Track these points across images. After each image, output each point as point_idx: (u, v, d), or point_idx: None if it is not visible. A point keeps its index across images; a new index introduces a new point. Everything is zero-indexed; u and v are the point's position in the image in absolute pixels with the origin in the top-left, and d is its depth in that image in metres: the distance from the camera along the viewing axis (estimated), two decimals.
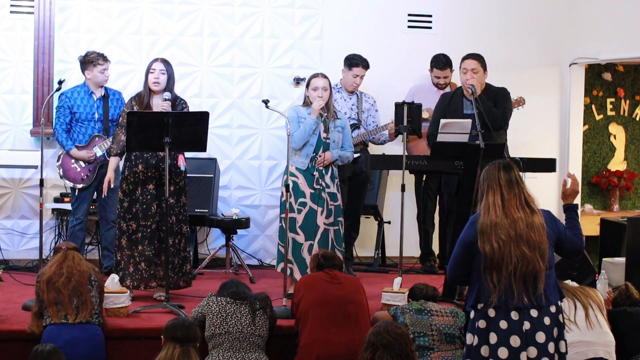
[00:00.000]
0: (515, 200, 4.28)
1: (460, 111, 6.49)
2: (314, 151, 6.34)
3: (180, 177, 6.19)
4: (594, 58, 8.56)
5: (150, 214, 6.10)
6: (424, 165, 6.37)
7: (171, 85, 6.23)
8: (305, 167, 6.34)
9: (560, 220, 4.48)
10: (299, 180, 6.33)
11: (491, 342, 4.24)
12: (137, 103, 6.21)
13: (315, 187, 6.34)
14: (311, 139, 6.31)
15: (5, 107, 7.73)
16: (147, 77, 6.22)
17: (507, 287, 4.20)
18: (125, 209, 6.13)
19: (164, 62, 6.24)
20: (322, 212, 6.33)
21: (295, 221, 6.25)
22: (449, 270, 4.48)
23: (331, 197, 6.40)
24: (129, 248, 6.12)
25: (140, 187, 6.12)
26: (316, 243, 6.27)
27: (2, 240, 7.70)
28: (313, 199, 6.32)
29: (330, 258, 5.41)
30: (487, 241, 4.22)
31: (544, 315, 4.25)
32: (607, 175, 9.26)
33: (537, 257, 4.21)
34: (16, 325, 5.32)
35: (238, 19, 8.03)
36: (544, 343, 4.22)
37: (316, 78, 6.39)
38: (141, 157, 6.14)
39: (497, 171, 4.34)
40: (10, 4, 7.72)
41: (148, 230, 6.09)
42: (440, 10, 8.43)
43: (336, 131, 6.43)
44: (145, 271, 6.08)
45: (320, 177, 6.35)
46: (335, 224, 6.39)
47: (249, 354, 4.97)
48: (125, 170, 6.19)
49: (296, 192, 6.28)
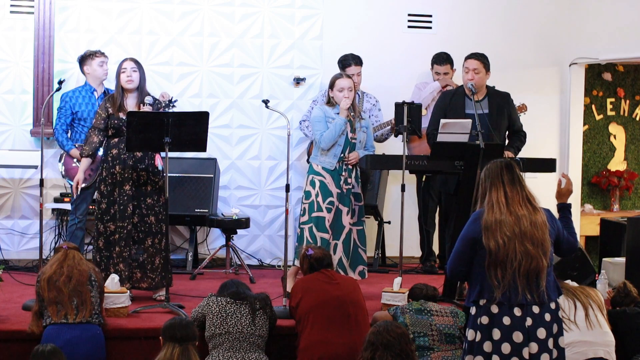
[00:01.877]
0: (519, 198, 4.32)
1: (462, 111, 6.49)
2: (342, 151, 6.36)
3: (159, 177, 6.17)
4: (594, 58, 8.56)
5: (127, 215, 6.06)
6: (424, 165, 6.37)
7: (143, 83, 6.22)
8: (333, 167, 6.36)
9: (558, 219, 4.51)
10: (326, 179, 6.34)
11: (494, 338, 4.26)
12: (111, 104, 6.17)
13: (344, 187, 6.36)
14: (339, 139, 6.33)
15: (5, 107, 7.73)
16: (118, 77, 6.19)
17: (510, 283, 4.23)
18: (103, 211, 6.09)
19: (134, 61, 6.23)
20: (347, 212, 6.36)
21: (325, 220, 6.27)
22: (449, 266, 4.49)
23: (356, 198, 6.45)
24: (107, 249, 6.08)
25: (117, 188, 6.09)
26: (340, 243, 6.32)
27: (2, 240, 7.69)
28: (340, 199, 6.34)
29: (320, 259, 5.38)
30: (492, 237, 4.24)
31: (544, 312, 4.28)
32: (607, 175, 9.26)
33: (541, 254, 4.25)
34: (16, 325, 5.32)
35: (238, 19, 8.03)
36: (544, 339, 4.26)
37: (341, 79, 6.42)
38: (118, 158, 6.11)
39: (499, 169, 4.38)
40: (10, 4, 7.72)
41: (124, 232, 6.05)
42: (440, 10, 8.43)
43: (361, 131, 6.46)
44: (122, 272, 6.03)
45: (348, 176, 6.37)
46: (359, 224, 6.45)
47: (249, 354, 4.97)
48: (103, 172, 6.16)
49: (324, 191, 6.30)
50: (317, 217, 6.26)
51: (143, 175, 6.10)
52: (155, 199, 6.12)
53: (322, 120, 6.34)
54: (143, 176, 6.10)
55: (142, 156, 6.10)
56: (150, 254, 6.08)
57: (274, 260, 8.04)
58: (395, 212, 7.23)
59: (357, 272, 6.38)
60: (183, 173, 7.63)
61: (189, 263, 7.53)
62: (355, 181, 6.45)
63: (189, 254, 7.62)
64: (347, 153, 6.38)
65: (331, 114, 6.37)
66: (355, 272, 6.37)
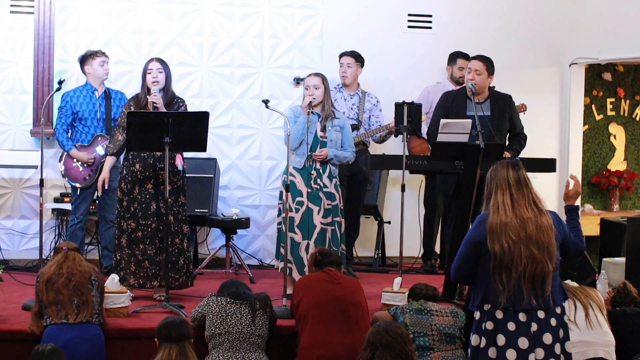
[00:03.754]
0: (524, 200, 4.27)
1: (463, 112, 6.48)
2: (310, 149, 6.34)
3: (178, 177, 6.18)
4: (594, 58, 8.56)
5: (150, 213, 6.09)
6: (423, 165, 6.36)
7: (169, 84, 6.23)
8: (301, 165, 6.34)
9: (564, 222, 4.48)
10: (296, 179, 6.33)
11: (499, 343, 4.22)
12: (135, 104, 6.20)
13: (313, 186, 6.34)
14: (307, 137, 6.30)
15: (5, 107, 7.73)
16: (144, 78, 6.21)
17: (515, 288, 4.19)
18: (124, 208, 6.13)
19: (159, 62, 6.24)
20: (318, 212, 6.32)
21: (293, 220, 6.25)
22: (453, 269, 4.45)
23: (328, 197, 6.39)
24: (129, 247, 6.11)
25: (138, 186, 6.11)
26: (312, 242, 6.27)
27: (2, 240, 7.69)
28: (310, 198, 6.32)
29: (328, 255, 5.41)
30: (497, 241, 4.20)
31: (550, 317, 4.24)
32: (607, 175, 9.26)
33: (546, 259, 4.20)
34: (16, 325, 5.32)
35: (238, 19, 8.03)
36: (550, 344, 4.22)
37: (309, 77, 6.43)
38: (138, 157, 6.14)
39: (505, 170, 4.32)
40: (10, 4, 7.72)
41: (149, 230, 6.09)
42: (440, 10, 8.43)
43: (334, 130, 6.42)
44: (149, 269, 6.09)
45: (317, 176, 6.35)
46: (332, 224, 6.38)
47: (249, 354, 4.97)
48: (124, 170, 6.19)
49: (293, 191, 6.28)
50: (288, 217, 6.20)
51: (162, 174, 6.09)
52: (173, 198, 6.13)
53: (292, 120, 6.31)
54: (162, 175, 6.09)
55: (162, 155, 6.07)
56: (171, 254, 6.08)
57: (274, 260, 8.02)
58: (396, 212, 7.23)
59: None
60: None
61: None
62: (328, 180, 6.39)
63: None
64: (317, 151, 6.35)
65: (300, 113, 6.37)
66: None
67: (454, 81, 7.76)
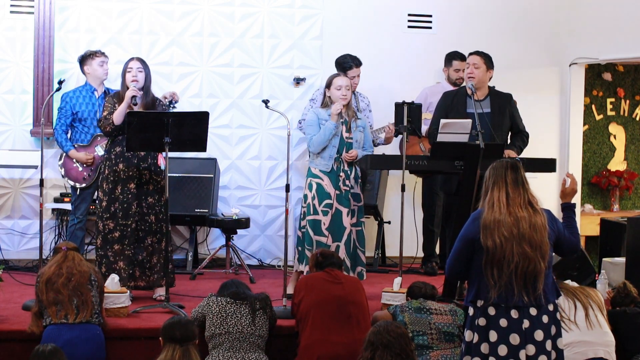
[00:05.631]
0: (520, 199, 4.30)
1: (463, 110, 6.49)
2: (337, 152, 6.34)
3: (161, 177, 6.17)
4: (594, 58, 8.56)
5: (131, 213, 6.06)
6: (423, 165, 6.36)
7: (148, 84, 6.22)
8: (329, 169, 6.33)
9: (559, 220, 4.50)
10: (324, 181, 6.32)
11: (491, 339, 4.26)
12: (118, 101, 6.18)
13: (342, 188, 6.33)
14: (333, 140, 6.31)
15: (5, 107, 7.73)
16: (124, 76, 6.19)
17: (507, 284, 4.22)
18: (104, 209, 6.10)
19: (140, 61, 6.22)
20: (347, 213, 6.32)
21: (321, 223, 6.25)
22: (448, 265, 4.49)
23: (355, 198, 6.41)
24: (103, 248, 6.08)
25: (120, 186, 6.09)
26: (343, 244, 6.27)
27: (2, 240, 7.69)
28: (339, 200, 6.32)
29: (330, 256, 5.41)
30: (490, 236, 4.24)
31: (542, 314, 4.27)
32: (607, 175, 9.26)
33: (539, 257, 4.24)
34: (16, 325, 5.32)
35: (238, 19, 8.03)
36: (542, 341, 4.25)
37: (338, 77, 6.41)
38: (122, 156, 6.12)
39: (504, 169, 4.36)
40: (10, 4, 7.72)
41: (128, 230, 6.06)
42: (440, 10, 8.43)
43: (358, 131, 6.43)
44: (124, 270, 6.03)
45: (346, 177, 6.35)
46: (358, 225, 6.41)
47: (249, 354, 4.97)
48: (106, 170, 6.16)
49: (321, 194, 6.28)
50: (313, 220, 6.24)
51: (145, 174, 6.10)
52: (156, 198, 6.13)
53: (314, 124, 6.31)
54: (145, 175, 6.10)
55: (145, 155, 6.10)
56: (149, 253, 6.08)
57: (274, 260, 8.04)
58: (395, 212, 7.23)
59: (356, 273, 6.36)
60: (183, 173, 7.63)
61: (189, 263, 7.54)
62: (354, 181, 6.43)
63: (189, 254, 7.63)
64: (343, 153, 6.36)
65: (324, 116, 6.35)
66: (355, 274, 6.36)
67: (451, 83, 7.77)
